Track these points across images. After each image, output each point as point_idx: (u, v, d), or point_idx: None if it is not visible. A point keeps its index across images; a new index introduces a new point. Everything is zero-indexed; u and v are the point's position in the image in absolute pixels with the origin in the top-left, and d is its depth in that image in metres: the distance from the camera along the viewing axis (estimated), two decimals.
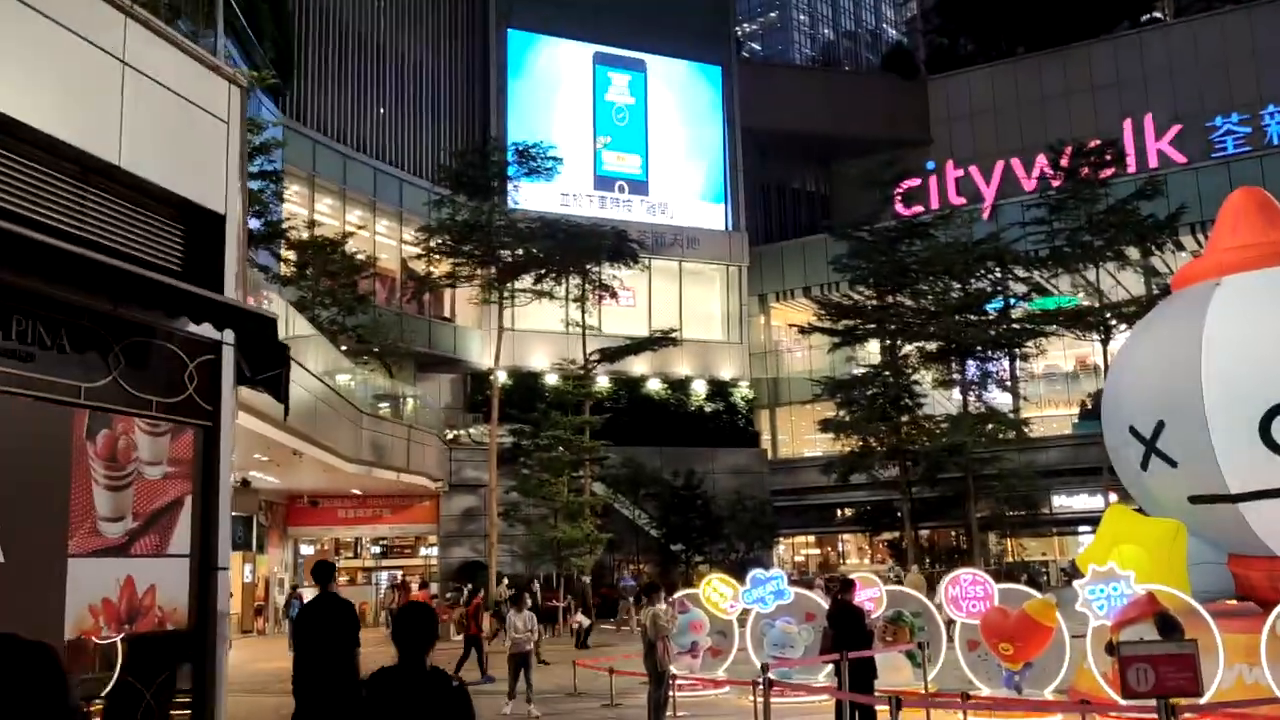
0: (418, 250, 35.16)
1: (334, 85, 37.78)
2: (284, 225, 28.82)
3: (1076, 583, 11.51)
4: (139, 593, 7.46)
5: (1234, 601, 12.71)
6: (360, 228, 37.32)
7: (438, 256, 33.51)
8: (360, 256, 34.11)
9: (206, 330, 7.36)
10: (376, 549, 38.56)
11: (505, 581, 31.74)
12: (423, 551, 38.95)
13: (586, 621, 27.05)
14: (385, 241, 39.33)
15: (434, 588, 33.48)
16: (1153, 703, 6.01)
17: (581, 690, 16.05)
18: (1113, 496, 27.06)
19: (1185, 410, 11.76)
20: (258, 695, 15.66)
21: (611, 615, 32.90)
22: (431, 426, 35.57)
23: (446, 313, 41.56)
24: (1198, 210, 35.27)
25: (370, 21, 39.81)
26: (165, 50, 7.63)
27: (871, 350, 42.81)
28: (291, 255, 30.86)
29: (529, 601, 15.64)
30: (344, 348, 30.94)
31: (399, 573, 36.46)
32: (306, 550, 36.78)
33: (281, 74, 29.67)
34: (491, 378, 34.19)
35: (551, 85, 45.05)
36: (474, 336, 41.21)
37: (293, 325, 22.81)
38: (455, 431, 39.36)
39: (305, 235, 31.95)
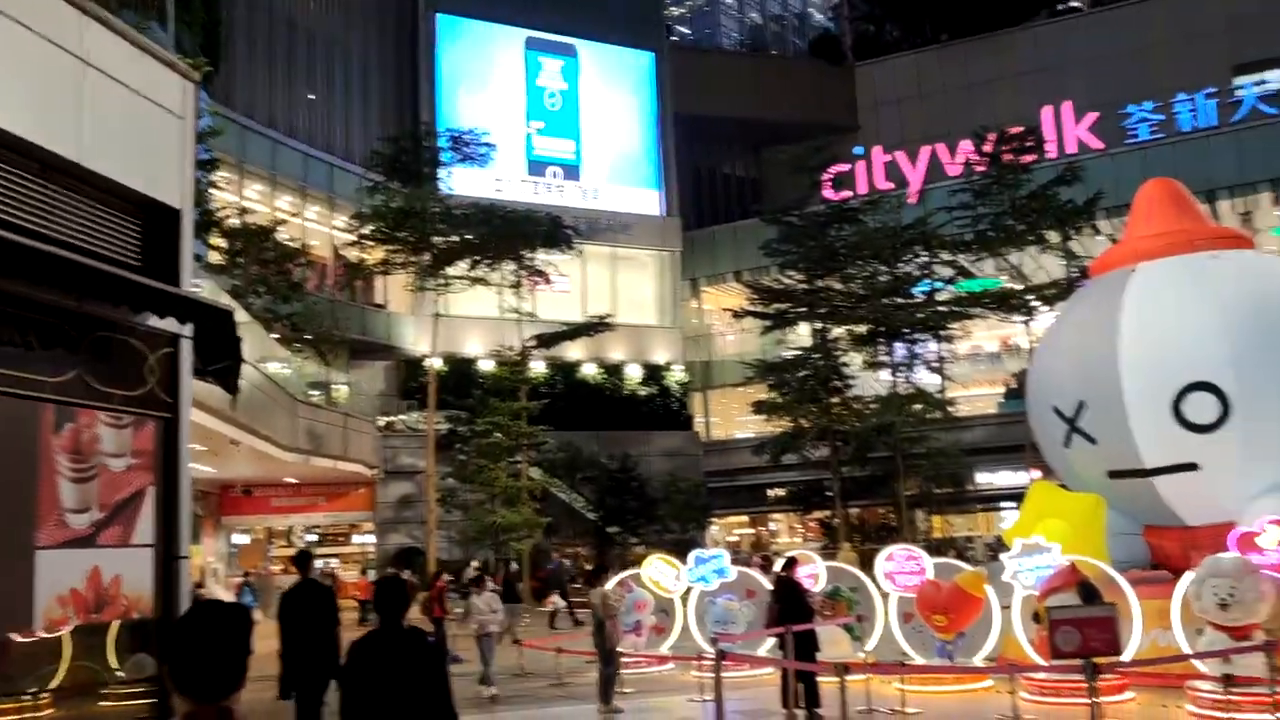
0: (350, 237, 34.93)
1: (262, 70, 37.27)
2: (218, 214, 28.51)
3: (1004, 556, 12.11)
4: (105, 583, 7.61)
5: (1150, 570, 13.42)
6: (292, 214, 36.93)
7: (371, 243, 33.34)
8: (293, 244, 33.82)
9: (166, 324, 7.51)
10: (311, 536, 38.36)
11: (474, 563, 31.96)
12: (357, 539, 38.86)
13: (562, 603, 27.34)
14: (316, 228, 38.99)
15: (372, 574, 33.44)
16: (1076, 663, 6.49)
17: (529, 670, 16.34)
18: (1035, 473, 27.93)
19: (1104, 391, 12.42)
20: None
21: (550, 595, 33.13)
22: (366, 414, 35.47)
23: (380, 299, 41.33)
24: (1114, 195, 36.35)
25: (299, 4, 39.32)
26: (121, 46, 7.73)
27: (802, 333, 43.50)
28: (222, 243, 30.51)
29: (490, 583, 15.87)
30: (276, 336, 30.73)
31: (333, 561, 36.35)
32: (240, 540, 36.49)
33: (210, 57, 29.26)
34: (427, 364, 34.18)
35: (483, 70, 44.89)
36: (408, 323, 41.07)
37: None
38: (390, 418, 39.28)
39: (237, 222, 31.59)
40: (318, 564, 36.55)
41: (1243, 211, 44.05)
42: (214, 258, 29.98)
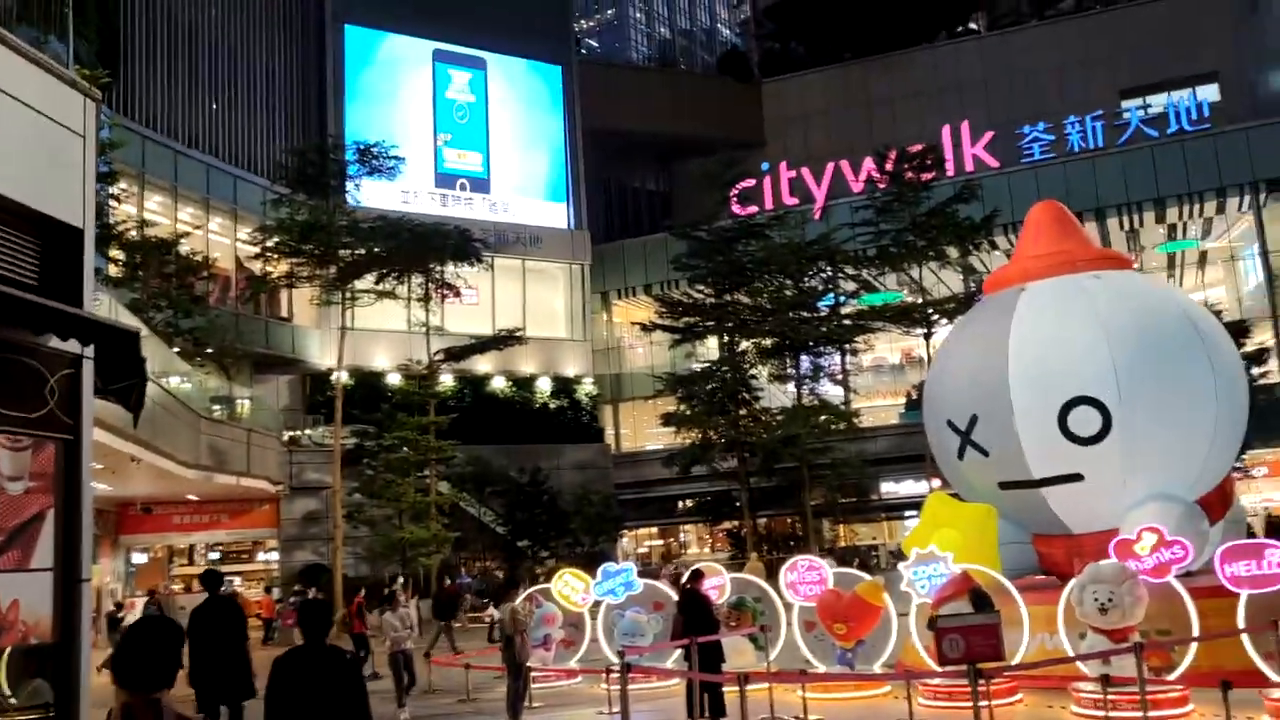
0: (255, 250, 34.37)
1: (163, 78, 36.49)
2: (118, 228, 27.87)
3: (901, 565, 12.53)
4: (3, 608, 7.48)
5: (1040, 577, 14.00)
6: (194, 227, 36.18)
7: (276, 256, 32.87)
8: (196, 257, 33.16)
9: (69, 345, 7.44)
10: (214, 554, 37.56)
11: (400, 580, 31.59)
12: (261, 556, 38.16)
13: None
14: (219, 240, 38.24)
15: (276, 592, 32.88)
16: (965, 668, 6.83)
17: (436, 686, 16.33)
18: (935, 482, 28.72)
19: (995, 405, 12.95)
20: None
21: (453, 614, 32.89)
22: (271, 429, 34.90)
23: (284, 313, 40.69)
24: (1009, 212, 37.67)
25: (201, 12, 38.58)
26: (21, 65, 7.65)
27: (711, 346, 44.06)
28: (121, 256, 29.80)
29: (403, 599, 15.82)
30: (178, 350, 30.11)
31: (236, 579, 35.62)
32: (139, 559, 35.58)
33: (107, 66, 28.60)
34: (333, 378, 33.78)
35: (391, 82, 44.60)
36: (313, 336, 40.53)
37: None
38: (295, 433, 38.69)
39: (136, 235, 30.88)
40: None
41: (1129, 229, 45.95)
42: (113, 271, 29.29)
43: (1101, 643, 10.46)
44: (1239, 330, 33.52)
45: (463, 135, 45.95)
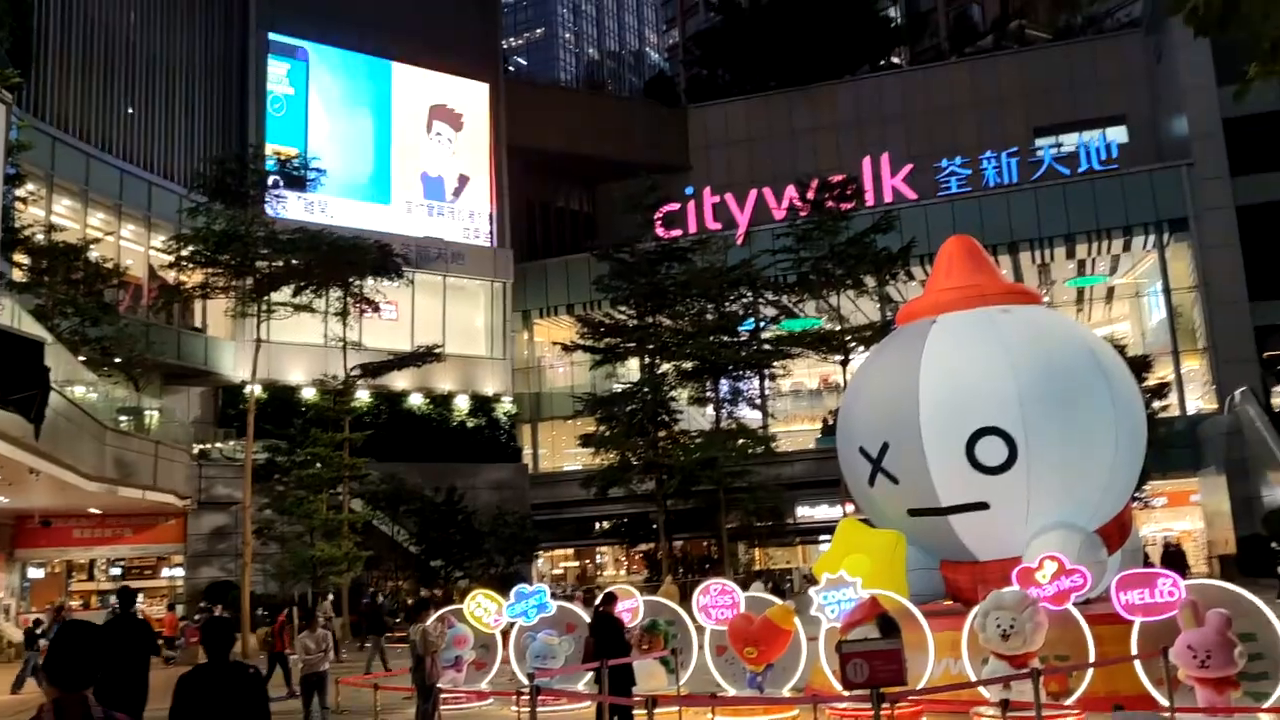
0: (168, 258, 33.59)
1: (77, 79, 35.56)
2: (24, 231, 27.05)
3: (812, 590, 12.70)
4: None
5: (946, 602, 14.27)
6: (105, 233, 35.24)
7: (190, 266, 32.19)
8: (107, 264, 32.29)
9: None
10: (116, 570, 36.47)
11: (330, 597, 31.04)
12: (166, 572, 37.15)
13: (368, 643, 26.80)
14: (132, 247, 37.33)
15: (179, 609, 32.04)
16: (868, 692, 6.96)
17: (344, 708, 16.06)
18: (849, 508, 29.15)
19: (905, 433, 13.22)
20: None
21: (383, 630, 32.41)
22: (180, 441, 34.08)
23: (198, 323, 39.82)
24: (926, 244, 38.51)
25: (119, 13, 37.74)
26: None
27: (631, 368, 44.23)
28: (27, 261, 28.93)
29: (321, 620, 15.54)
30: (84, 359, 29.28)
31: (138, 595, 34.64)
32: (35, 573, 34.42)
33: (19, 65, 27.84)
34: (246, 391, 33.11)
35: (302, 93, 44.02)
36: (227, 348, 39.73)
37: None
38: (205, 447, 37.83)
39: (43, 239, 30.01)
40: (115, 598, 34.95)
41: (1040, 263, 47.29)
42: (18, 276, 28.43)
43: (1003, 668, 10.72)
44: (1142, 365, 34.67)
45: (391, 150, 45.59)
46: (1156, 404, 35.91)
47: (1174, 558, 34.10)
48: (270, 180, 33.10)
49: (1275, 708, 9.60)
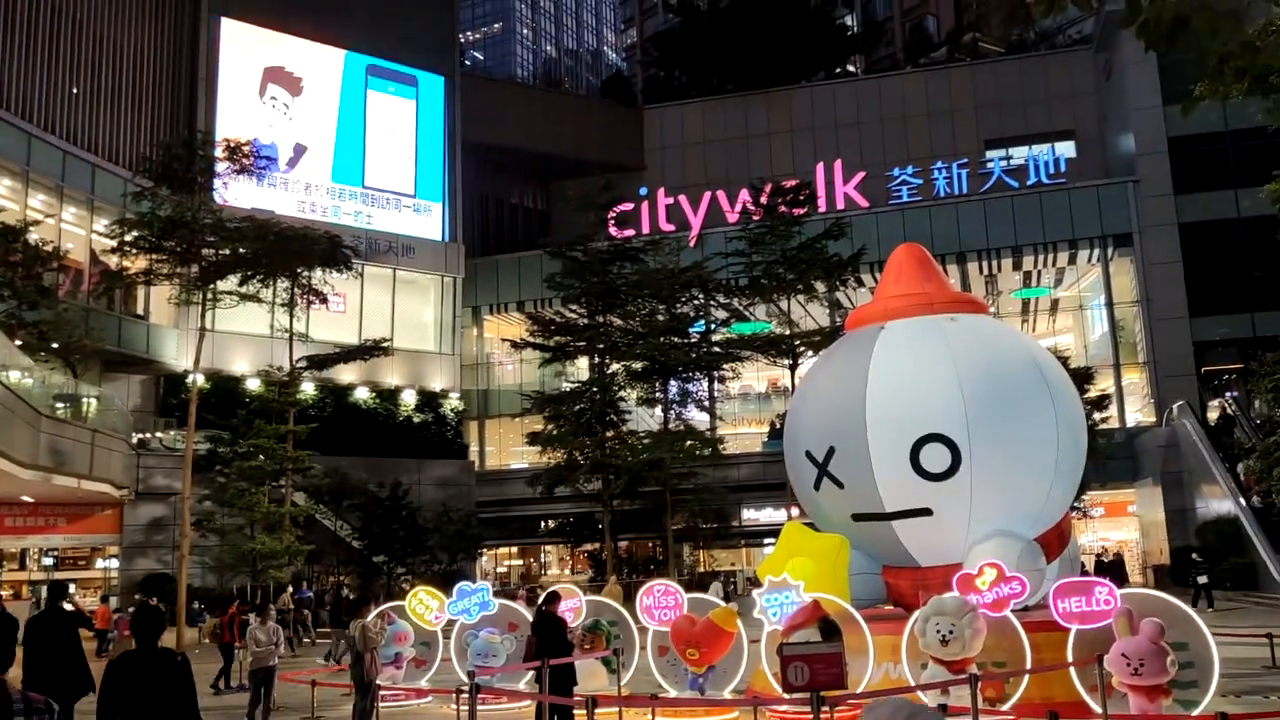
0: (111, 243, 32.93)
1: (20, 56, 34.76)
2: None
3: (755, 592, 12.72)
4: None
5: (888, 607, 14.37)
6: (46, 214, 34.47)
7: (134, 252, 31.57)
8: (47, 246, 31.58)
9: None
10: (49, 560, 35.72)
11: (289, 590, 30.60)
12: (101, 563, 36.45)
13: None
14: (74, 231, 36.55)
15: (114, 601, 31.42)
16: (808, 695, 6.97)
17: (280, 703, 15.82)
18: (795, 511, 29.29)
19: (852, 438, 13.28)
20: None
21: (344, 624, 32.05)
22: (119, 430, 33.45)
23: (140, 310, 39.11)
24: (876, 251, 38.87)
25: None
26: None
27: (580, 366, 44.13)
28: None
29: (274, 612, 15.30)
30: (20, 343, 28.63)
31: (71, 586, 33.94)
32: None
33: None
34: (189, 380, 32.57)
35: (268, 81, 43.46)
36: (170, 336, 39.06)
37: None
38: (145, 436, 37.16)
39: None
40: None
41: (988, 274, 47.92)
42: None
43: (942, 673, 10.80)
44: (1084, 376, 35.24)
45: (341, 141, 45.07)
46: (1097, 415, 36.55)
47: (1113, 568, 34.75)
48: (220, 168, 32.52)
49: (1204, 716, 9.77)
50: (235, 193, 34.75)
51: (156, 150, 32.78)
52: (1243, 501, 33.15)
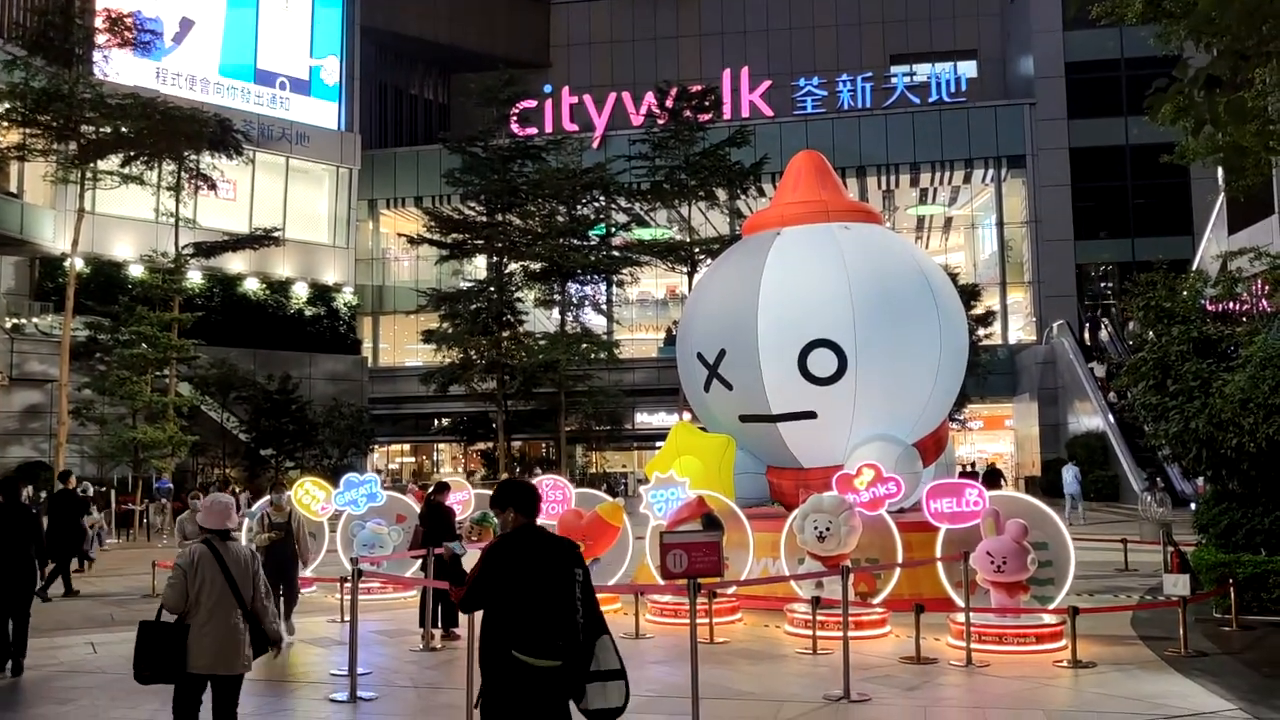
0: None
1: None
2: None
3: (642, 488, 12.96)
4: None
5: (770, 507, 14.78)
6: None
7: (5, 125, 29.87)
8: None
9: None
10: None
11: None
12: None
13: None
14: None
15: None
16: (685, 582, 7.17)
17: (159, 593, 15.64)
18: (686, 416, 29.74)
19: (742, 341, 13.48)
20: None
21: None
22: None
23: (13, 188, 37.15)
24: (778, 161, 38.86)
25: None
26: None
27: (478, 265, 43.65)
28: None
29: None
30: None
31: None
32: None
33: None
34: (67, 264, 31.28)
35: None
36: (46, 216, 37.28)
37: None
38: (19, 320, 35.70)
39: None
40: None
41: (886, 189, 48.55)
42: None
43: (818, 568, 11.21)
44: (971, 293, 36.19)
45: (234, 24, 43.03)
46: (981, 332, 37.68)
47: (992, 476, 36.22)
48: (101, 40, 30.76)
49: (1057, 609, 10.35)
50: (118, 67, 33.05)
51: (31, 17, 30.81)
52: (1110, 418, 34.75)
